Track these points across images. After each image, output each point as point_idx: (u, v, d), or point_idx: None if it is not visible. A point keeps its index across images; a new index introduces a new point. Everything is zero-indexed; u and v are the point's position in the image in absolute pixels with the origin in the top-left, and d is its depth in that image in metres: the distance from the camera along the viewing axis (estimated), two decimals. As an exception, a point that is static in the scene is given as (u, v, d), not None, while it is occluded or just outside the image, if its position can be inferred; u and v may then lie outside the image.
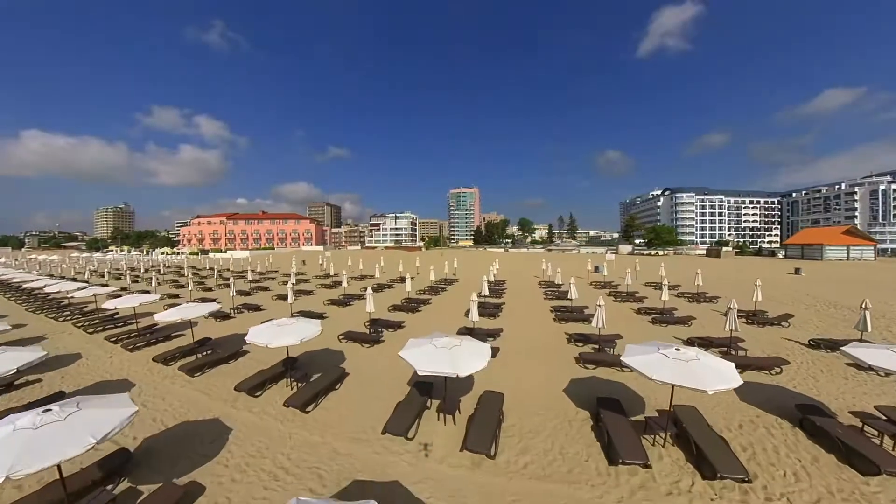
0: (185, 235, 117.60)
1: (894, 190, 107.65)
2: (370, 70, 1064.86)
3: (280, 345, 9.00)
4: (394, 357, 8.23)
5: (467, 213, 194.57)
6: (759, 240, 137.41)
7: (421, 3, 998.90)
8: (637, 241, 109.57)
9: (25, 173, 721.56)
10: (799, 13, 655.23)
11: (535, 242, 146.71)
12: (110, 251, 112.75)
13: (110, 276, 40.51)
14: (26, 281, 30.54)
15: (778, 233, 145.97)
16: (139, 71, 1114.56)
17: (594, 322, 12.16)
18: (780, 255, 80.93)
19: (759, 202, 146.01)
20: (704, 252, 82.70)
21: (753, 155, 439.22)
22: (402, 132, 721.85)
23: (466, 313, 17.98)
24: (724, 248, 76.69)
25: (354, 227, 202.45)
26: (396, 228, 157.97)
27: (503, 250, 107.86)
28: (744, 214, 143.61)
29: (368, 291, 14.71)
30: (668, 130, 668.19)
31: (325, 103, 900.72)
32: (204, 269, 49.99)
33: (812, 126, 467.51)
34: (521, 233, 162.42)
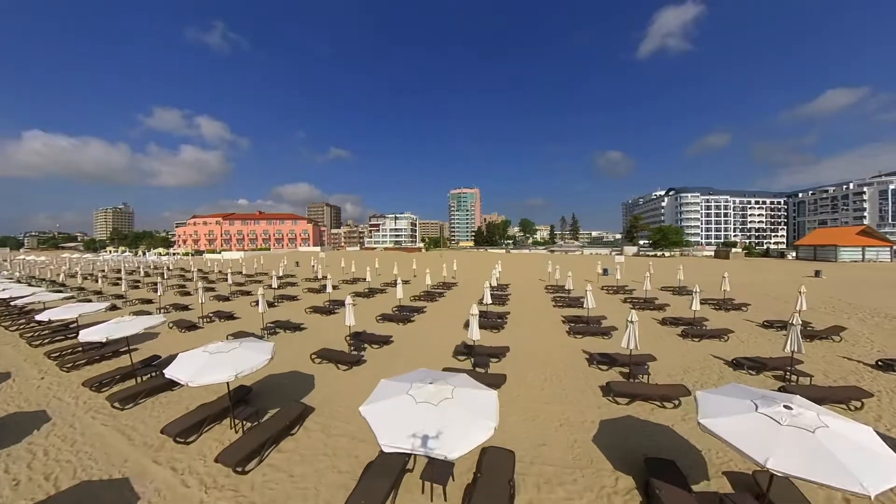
0: (181, 236, 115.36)
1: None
2: (371, 71, 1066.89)
3: (206, 382, 6.62)
4: (374, 383, 5.83)
5: (468, 214, 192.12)
6: (765, 240, 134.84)
7: (421, 4, 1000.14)
8: (641, 242, 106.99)
9: (28, 174, 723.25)
10: (800, 13, 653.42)
11: (537, 243, 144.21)
12: (107, 252, 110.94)
13: (92, 279, 38.18)
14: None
15: (784, 233, 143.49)
16: (140, 72, 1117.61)
17: (625, 342, 9.74)
18: (789, 256, 78.28)
19: (764, 202, 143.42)
20: (712, 253, 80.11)
21: (755, 156, 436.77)
22: (402, 133, 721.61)
23: (465, 325, 15.59)
24: (732, 250, 73.93)
25: (354, 228, 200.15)
26: (396, 229, 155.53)
27: (504, 251, 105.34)
28: (749, 215, 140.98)
29: (349, 301, 12.30)
30: (670, 131, 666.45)
31: (325, 104, 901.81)
32: (190, 271, 47.65)
33: (814, 127, 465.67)
34: (522, 233, 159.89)
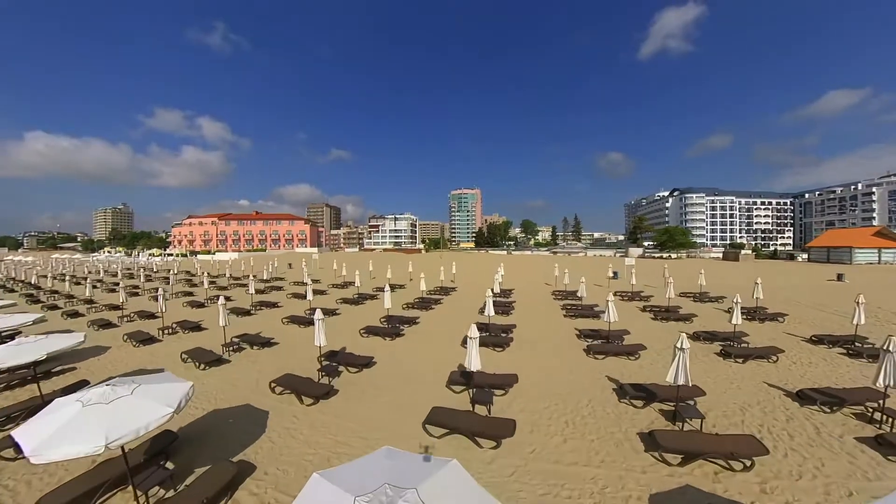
0: (176, 236, 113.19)
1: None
2: (371, 71, 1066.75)
3: (57, 458, 4.21)
4: (340, 427, 3.49)
5: (469, 215, 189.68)
6: (771, 242, 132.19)
7: (422, 5, 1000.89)
8: (646, 244, 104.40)
9: (30, 175, 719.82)
10: (800, 14, 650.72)
11: (539, 244, 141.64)
12: (101, 253, 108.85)
13: (72, 283, 35.76)
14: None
15: (791, 235, 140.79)
16: (141, 73, 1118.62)
17: (671, 376, 7.29)
18: (799, 258, 75.68)
19: (770, 203, 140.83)
20: (720, 255, 77.52)
21: (756, 157, 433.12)
22: (403, 134, 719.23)
23: (463, 342, 13.13)
24: (742, 251, 71.30)
25: (353, 229, 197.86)
26: (396, 230, 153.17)
27: (506, 253, 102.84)
28: (755, 216, 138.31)
29: (318, 317, 9.89)
30: (671, 132, 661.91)
31: (326, 105, 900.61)
32: (177, 273, 45.27)
33: (815, 128, 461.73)
34: (523, 235, 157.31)
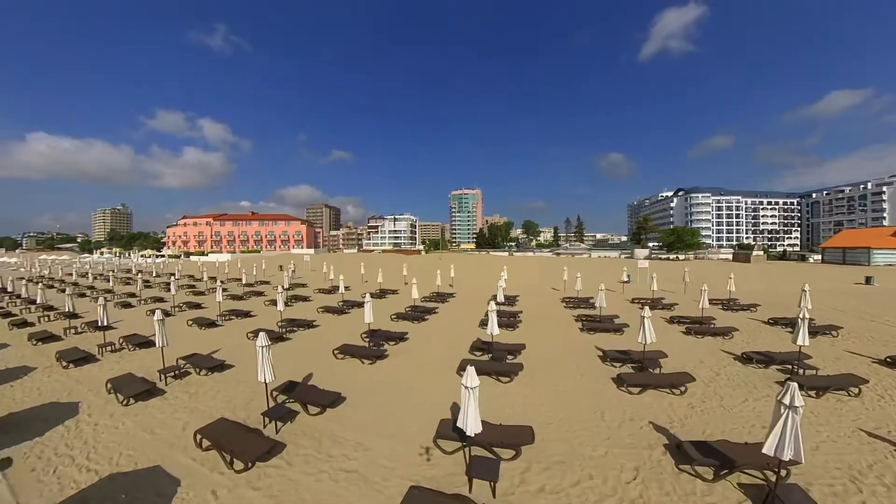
0: (171, 237, 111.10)
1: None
2: (372, 73, 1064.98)
3: None
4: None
5: (469, 216, 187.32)
6: (778, 242, 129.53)
7: (422, 6, 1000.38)
8: (651, 244, 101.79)
9: (33, 176, 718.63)
10: (801, 14, 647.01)
11: (541, 245, 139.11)
12: (95, 254, 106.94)
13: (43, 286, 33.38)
14: None
15: (798, 235, 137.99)
16: (142, 74, 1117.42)
17: (772, 445, 4.82)
18: (811, 259, 73.11)
19: (777, 203, 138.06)
20: (729, 256, 74.94)
21: (758, 158, 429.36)
22: (404, 135, 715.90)
23: (460, 368, 10.69)
24: (753, 252, 68.61)
25: (352, 230, 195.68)
26: (395, 231, 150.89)
27: (507, 254, 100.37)
28: (762, 216, 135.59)
29: (260, 343, 7.47)
30: (672, 133, 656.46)
31: (326, 106, 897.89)
32: (161, 275, 42.99)
33: (817, 128, 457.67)
34: (525, 236, 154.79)
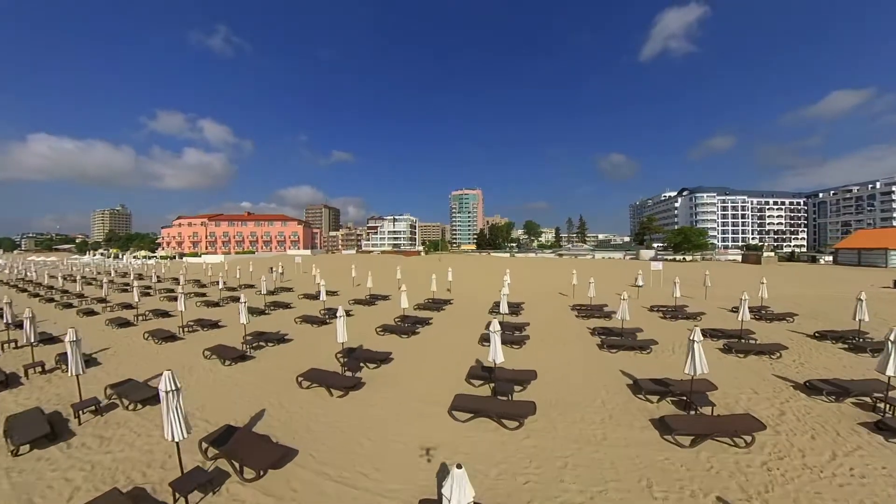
0: (166, 238, 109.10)
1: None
2: (372, 73, 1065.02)
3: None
4: None
5: (470, 216, 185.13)
6: (784, 243, 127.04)
7: (422, 7, 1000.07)
8: (655, 245, 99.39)
9: (35, 177, 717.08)
10: (801, 14, 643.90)
11: (543, 246, 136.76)
12: (87, 255, 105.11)
13: (17, 290, 31.28)
14: None
15: (805, 236, 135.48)
16: (143, 75, 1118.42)
17: None
18: (822, 260, 70.73)
19: (783, 203, 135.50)
20: (738, 257, 72.54)
21: (759, 158, 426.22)
22: (404, 136, 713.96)
23: (453, 408, 8.37)
24: (764, 254, 66.15)
25: (352, 231, 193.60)
26: (395, 232, 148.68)
27: (509, 255, 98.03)
28: (768, 216, 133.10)
29: (165, 388, 5.23)
30: (672, 133, 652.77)
31: (328, 107, 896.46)
32: (144, 277, 40.77)
33: (819, 129, 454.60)
34: (526, 236, 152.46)
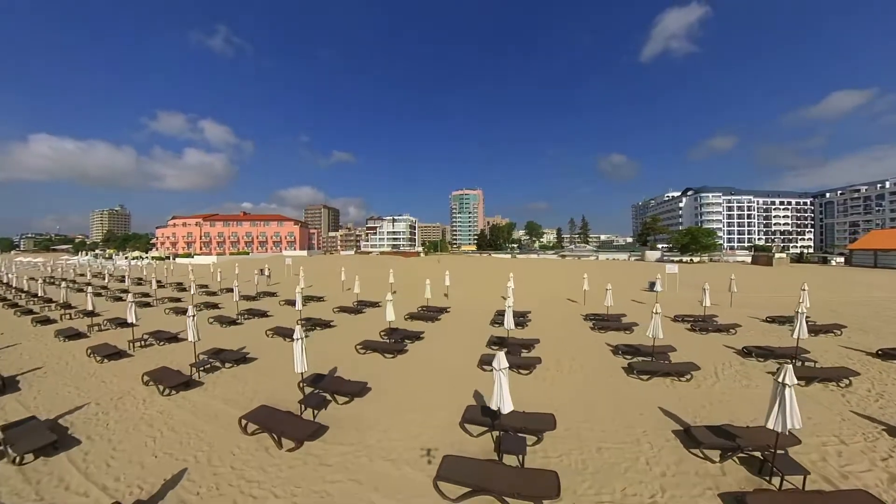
0: (160, 238, 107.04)
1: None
2: (373, 74, 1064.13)
3: None
4: None
5: (470, 217, 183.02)
6: (790, 244, 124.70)
7: (422, 7, 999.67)
8: (660, 246, 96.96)
9: (35, 178, 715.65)
10: (803, 14, 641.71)
11: (544, 247, 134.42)
12: (80, 255, 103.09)
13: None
14: None
15: (811, 236, 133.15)
16: (143, 75, 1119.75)
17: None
18: (833, 261, 68.40)
19: (789, 203, 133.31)
20: (748, 259, 70.24)
21: (760, 158, 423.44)
22: (405, 136, 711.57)
23: (436, 488, 6.05)
24: (776, 255, 63.75)
25: (351, 231, 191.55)
26: (394, 232, 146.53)
27: (510, 256, 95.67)
28: (774, 216, 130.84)
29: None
30: (672, 134, 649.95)
31: (327, 107, 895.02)
32: (126, 279, 38.48)
33: (820, 129, 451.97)
34: (528, 237, 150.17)
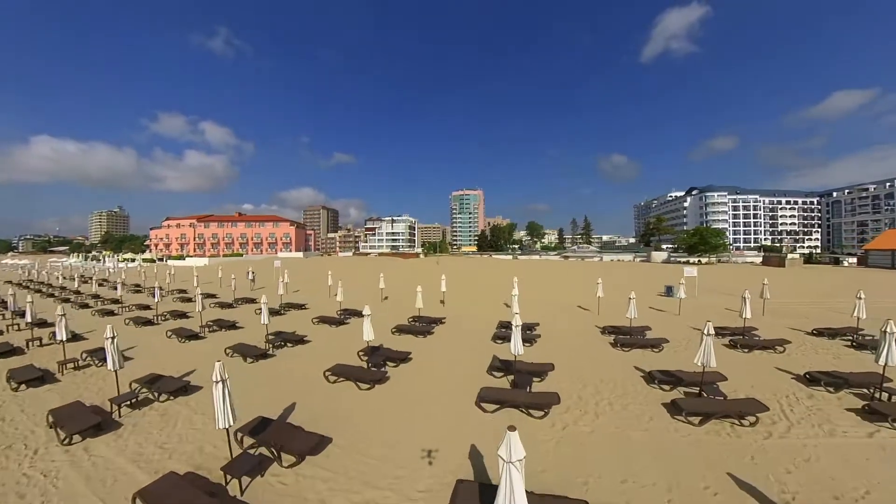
0: (154, 240, 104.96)
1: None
2: (374, 74, 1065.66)
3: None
4: None
5: (471, 217, 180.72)
6: (797, 244, 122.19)
7: (423, 7, 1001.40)
8: (665, 247, 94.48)
9: (37, 179, 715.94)
10: (803, 14, 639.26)
11: (546, 248, 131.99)
12: (72, 256, 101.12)
13: None
14: None
15: (818, 236, 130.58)
16: (144, 77, 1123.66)
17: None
18: (846, 262, 65.98)
19: (796, 203, 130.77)
20: (758, 259, 67.75)
21: (762, 159, 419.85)
22: (405, 137, 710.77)
23: None
24: (788, 255, 61.30)
25: (350, 232, 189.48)
26: (393, 233, 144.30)
27: (511, 257, 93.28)
28: (780, 216, 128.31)
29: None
30: (673, 134, 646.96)
31: (329, 108, 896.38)
32: (108, 283, 36.23)
33: (822, 129, 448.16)
34: (529, 237, 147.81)
